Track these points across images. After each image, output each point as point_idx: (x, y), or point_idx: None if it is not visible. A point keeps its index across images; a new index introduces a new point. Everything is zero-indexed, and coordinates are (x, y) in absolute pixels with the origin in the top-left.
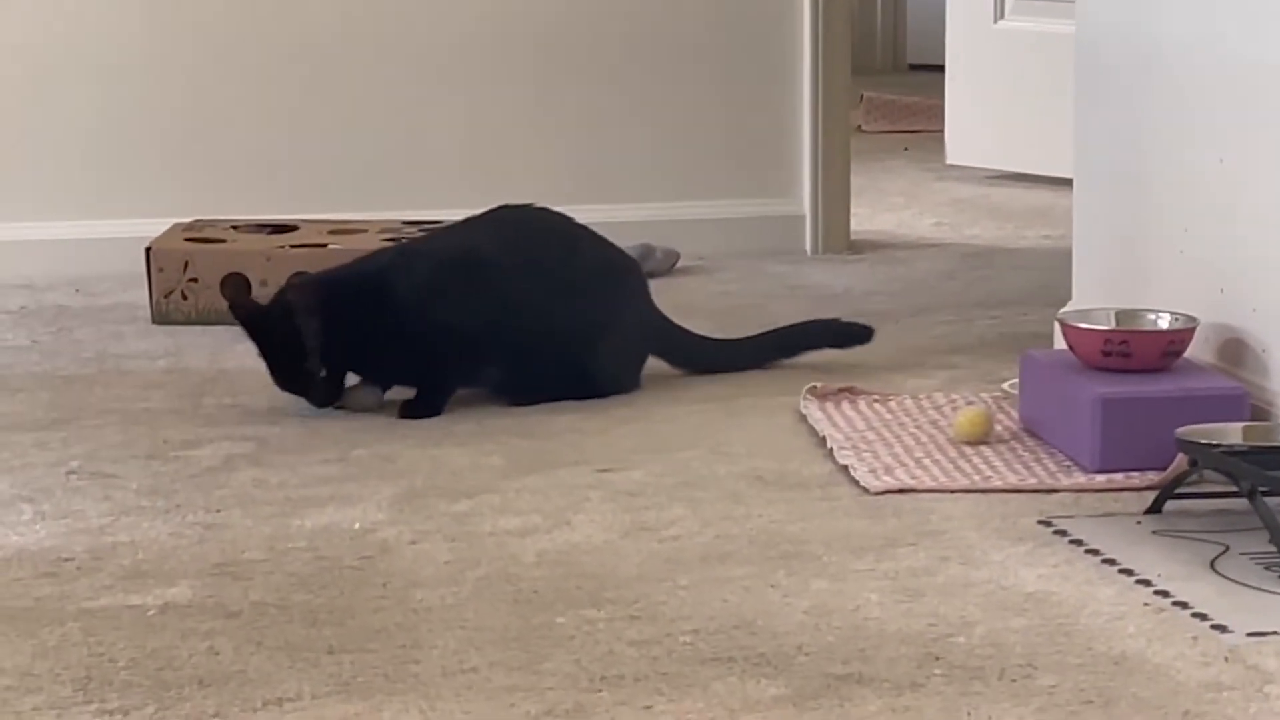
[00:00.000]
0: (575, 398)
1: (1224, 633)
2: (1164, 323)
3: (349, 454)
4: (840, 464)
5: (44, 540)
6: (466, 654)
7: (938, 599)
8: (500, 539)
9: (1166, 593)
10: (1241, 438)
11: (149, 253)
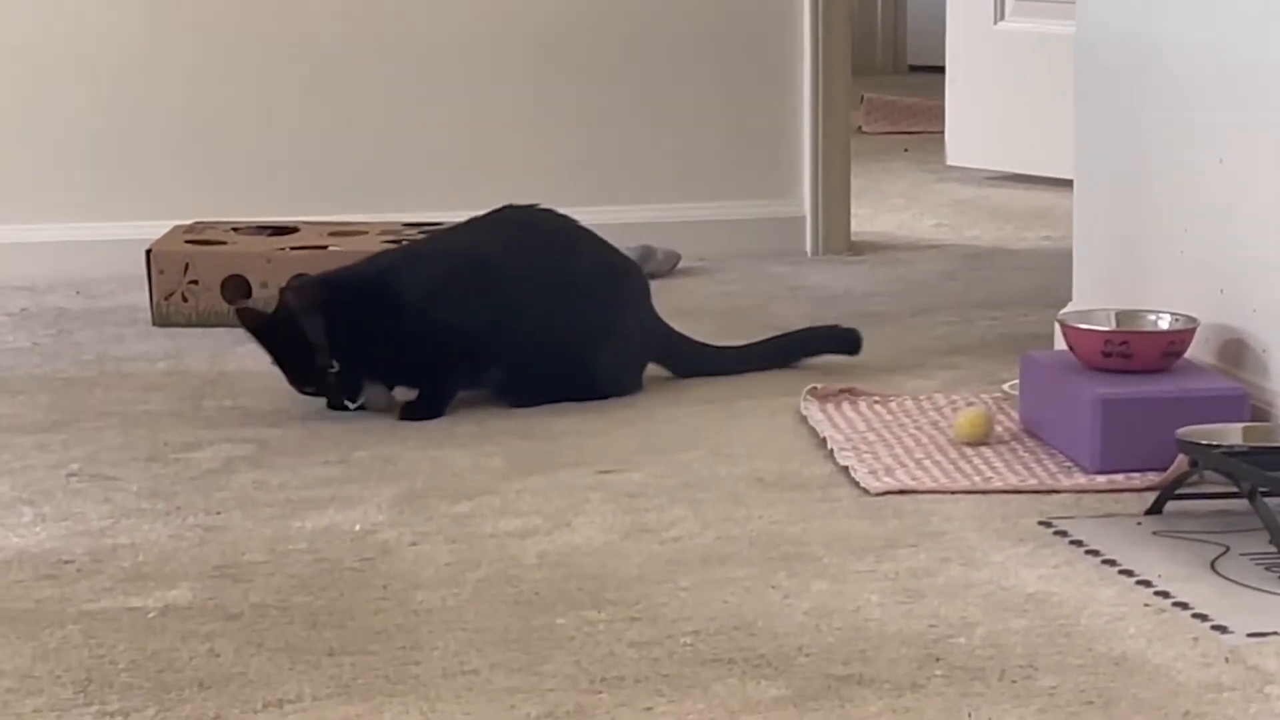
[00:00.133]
0: (577, 399)
1: (1224, 633)
2: (1164, 323)
3: (350, 456)
4: (841, 465)
5: (44, 542)
6: (467, 655)
7: (938, 600)
8: (501, 540)
9: (1167, 593)
10: (1242, 438)
11: (149, 255)
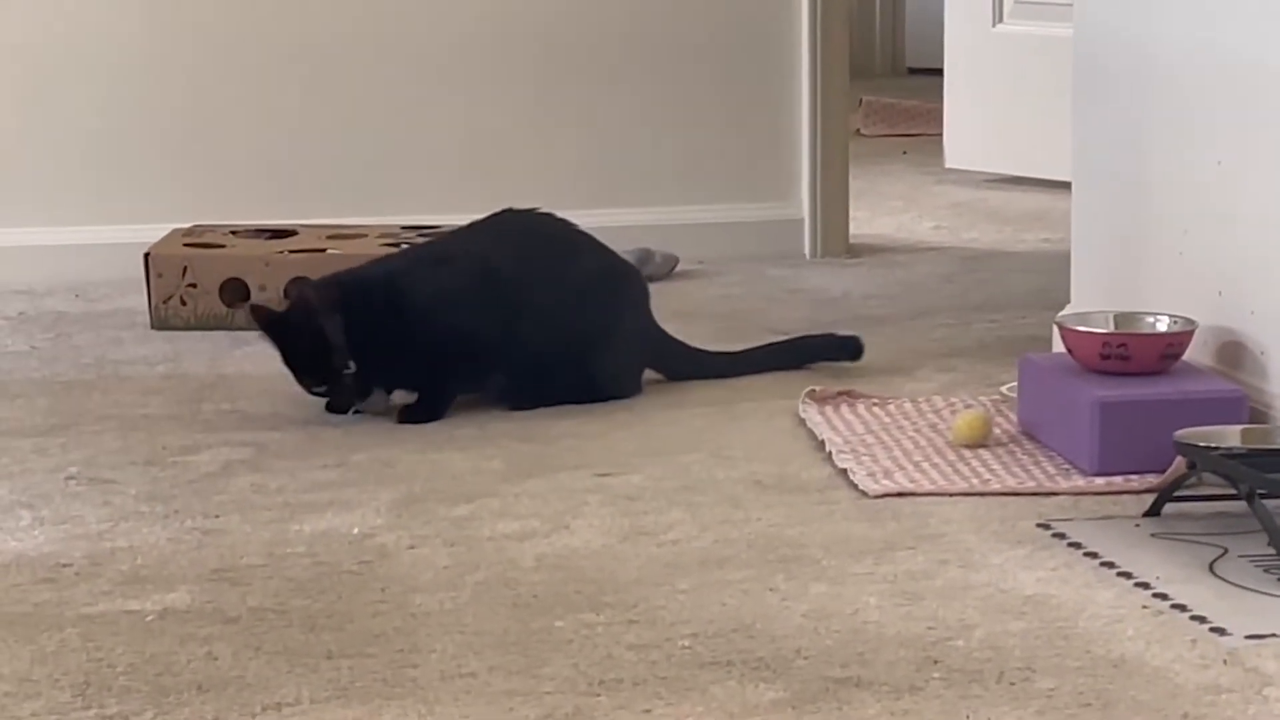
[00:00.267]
0: (577, 402)
1: (1223, 635)
2: (1162, 325)
3: (348, 459)
4: (839, 467)
5: (43, 546)
6: (465, 658)
7: (937, 602)
8: (499, 543)
9: (1165, 595)
10: (1240, 440)
11: (148, 258)
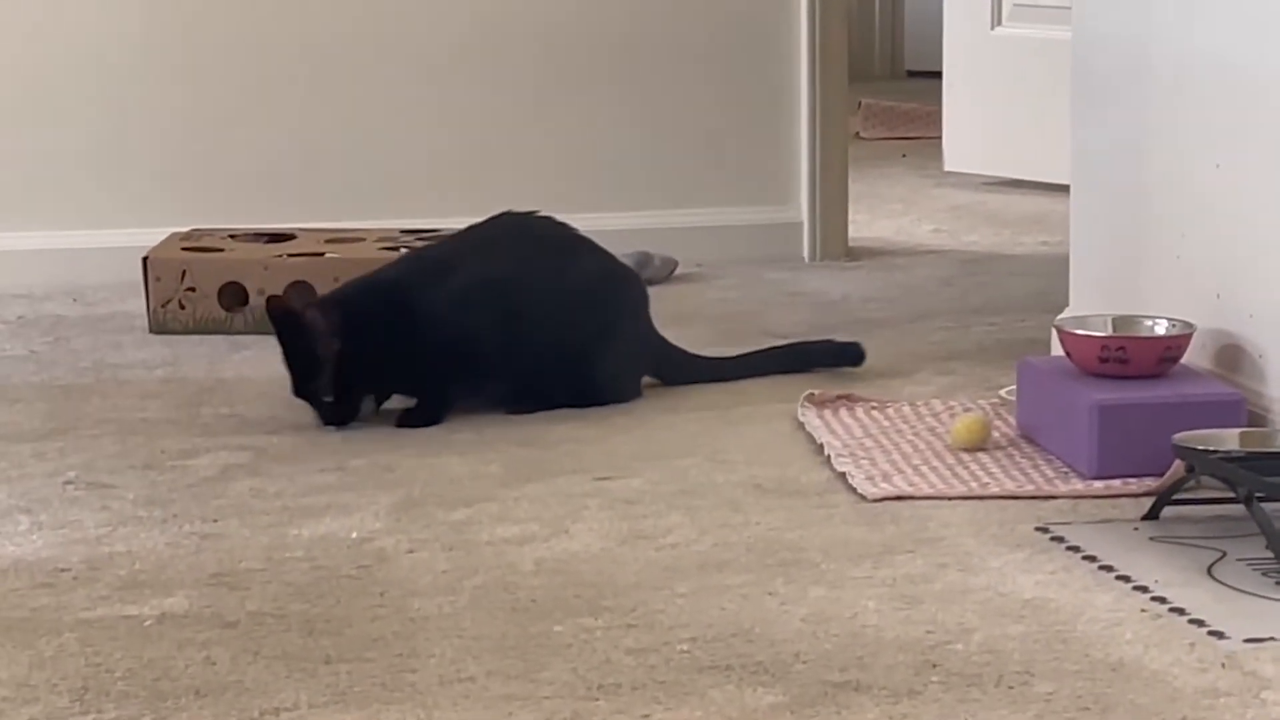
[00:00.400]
0: (576, 406)
1: (1221, 639)
2: (1161, 329)
3: (347, 463)
4: (838, 471)
5: (41, 550)
6: (464, 663)
7: (935, 606)
8: (498, 547)
9: (1164, 599)
10: (1238, 443)
11: (146, 262)
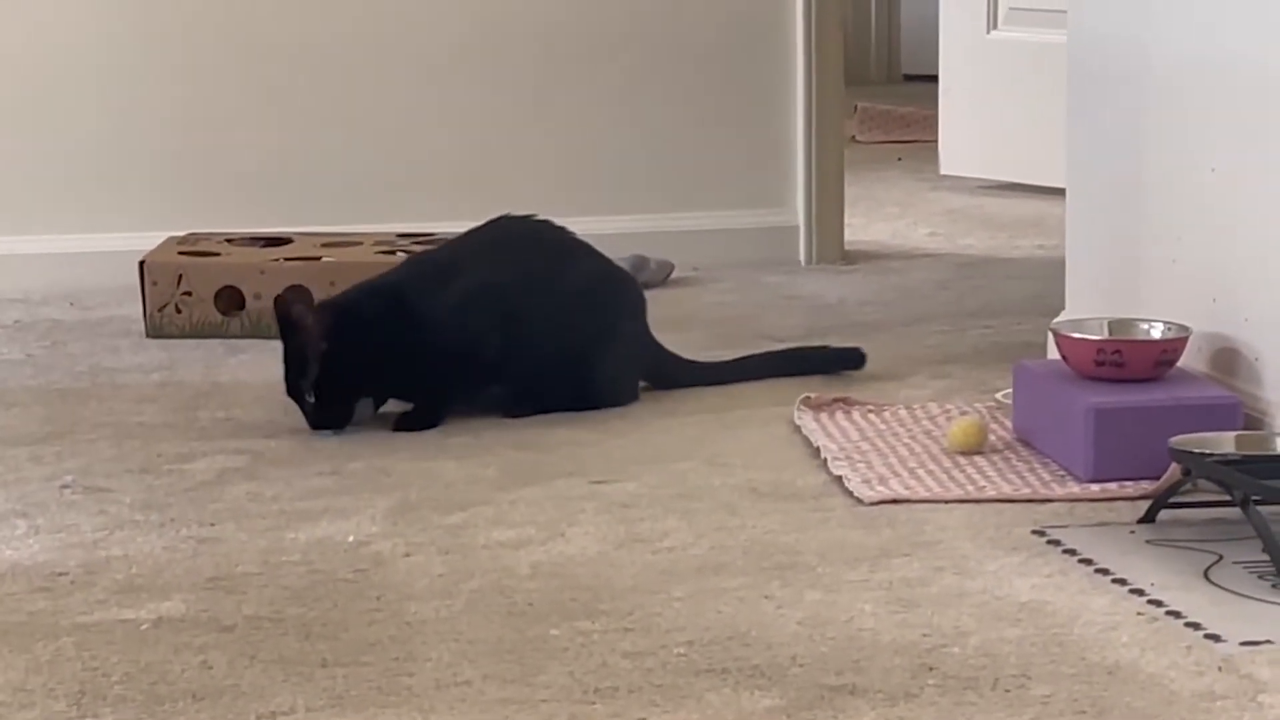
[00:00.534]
0: (574, 409)
1: (1217, 642)
2: (1157, 332)
3: (344, 467)
4: (834, 475)
5: (38, 555)
6: (460, 666)
7: (932, 609)
8: (494, 551)
9: (1160, 602)
10: (1234, 447)
11: (143, 266)
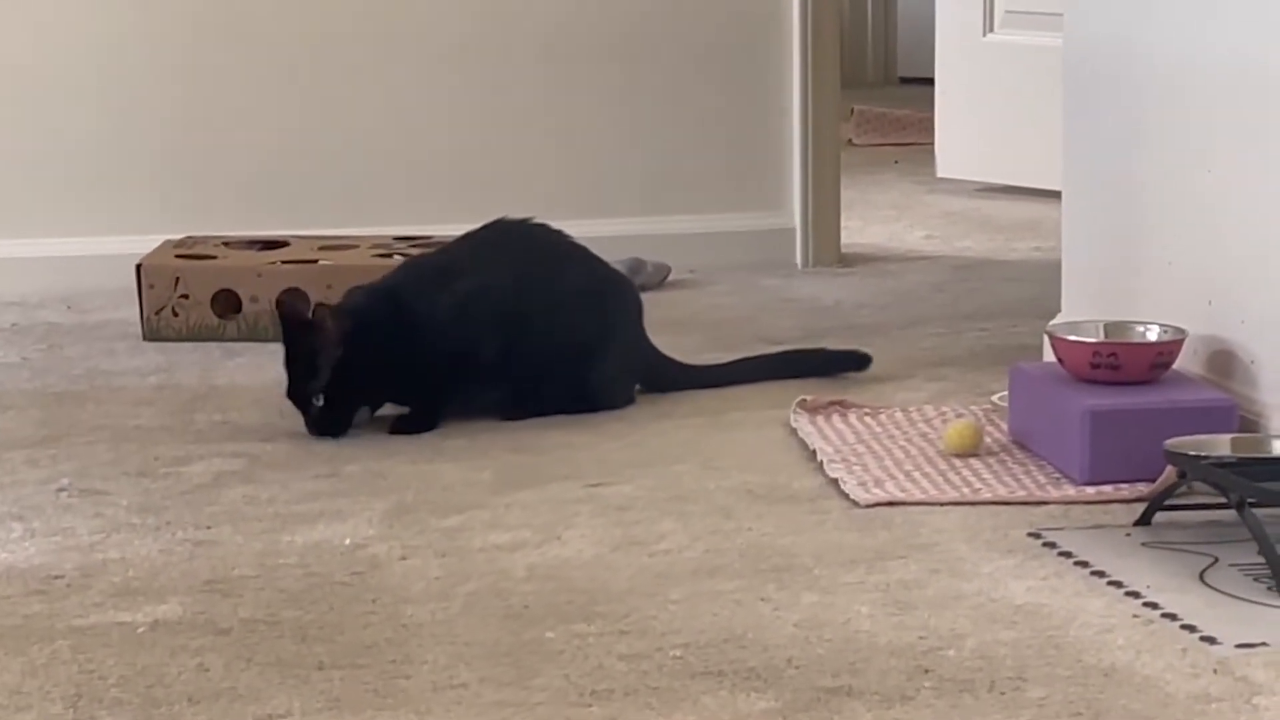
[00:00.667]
0: (570, 412)
1: (1213, 644)
2: (1152, 335)
3: (340, 470)
4: (830, 477)
5: (34, 558)
6: (456, 669)
7: (928, 611)
8: (490, 554)
9: (1156, 604)
10: (1230, 449)
11: (140, 269)
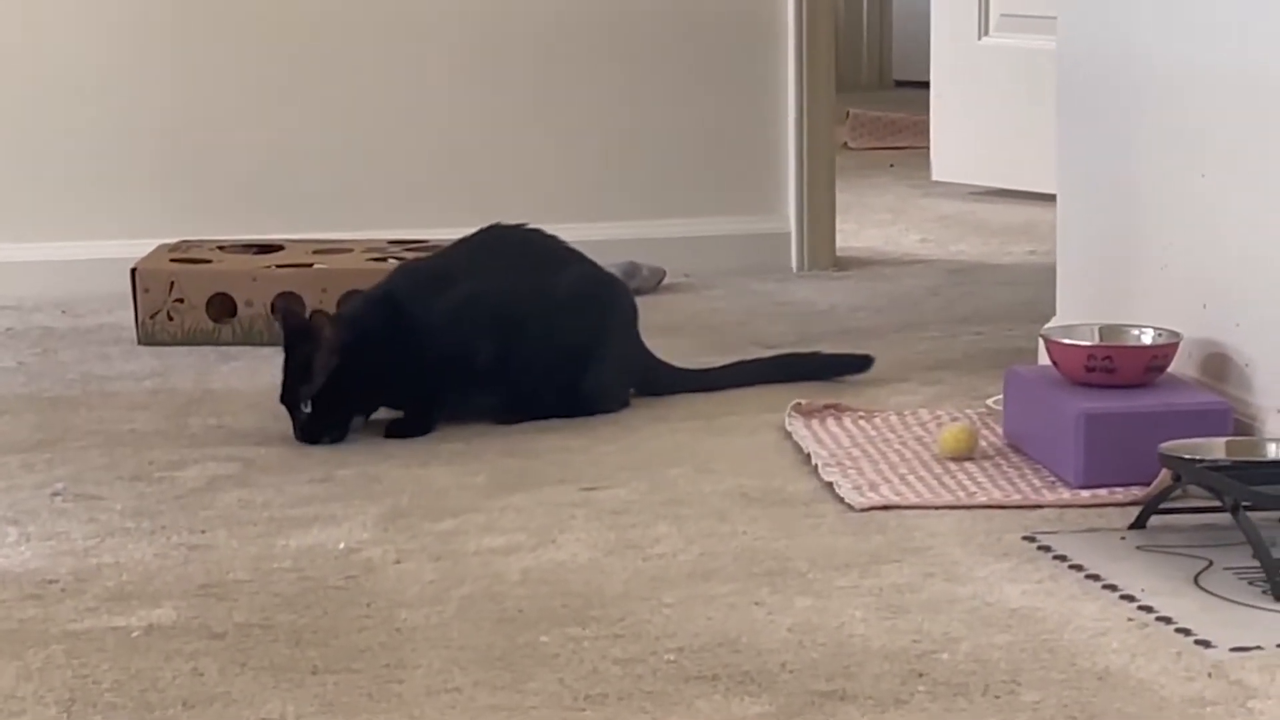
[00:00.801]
0: (564, 416)
1: (1207, 648)
2: (1147, 338)
3: (334, 474)
4: (825, 481)
5: (29, 562)
6: (450, 673)
7: (922, 615)
8: (485, 558)
9: (1150, 608)
10: (1225, 453)
11: (134, 274)
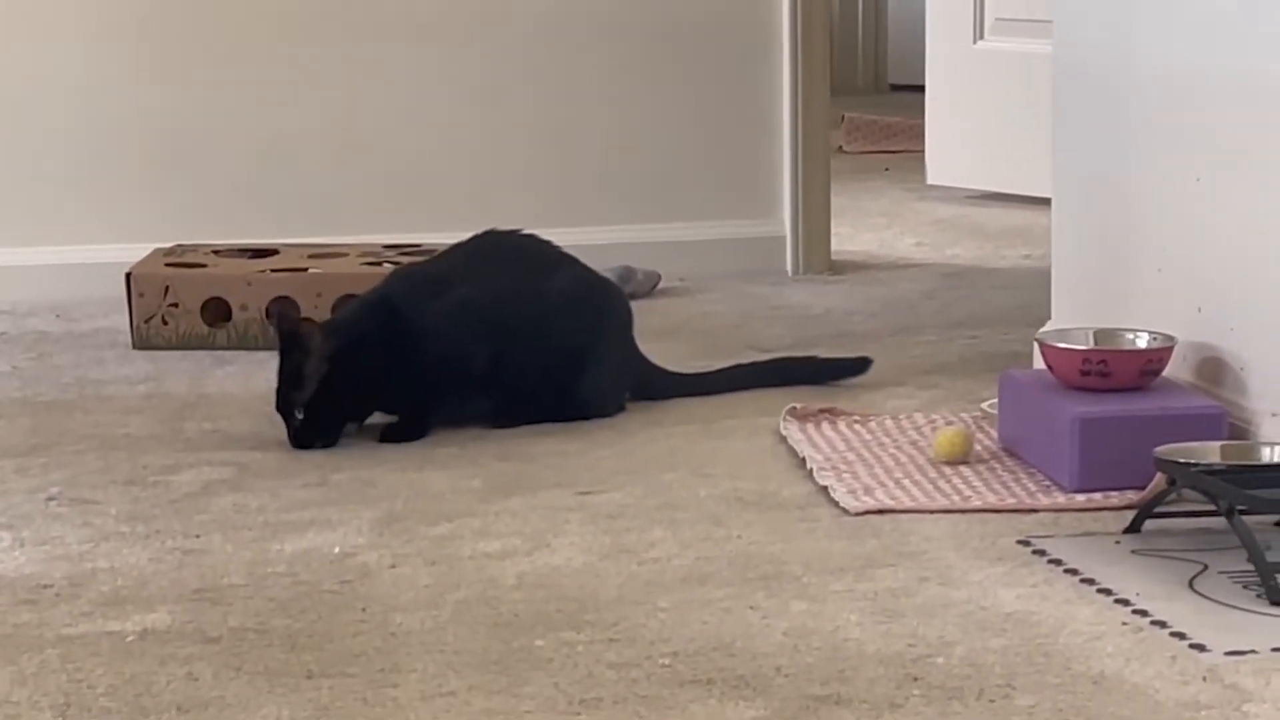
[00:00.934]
0: (559, 420)
1: (1202, 652)
2: (1142, 342)
3: (329, 478)
4: (820, 485)
5: (23, 567)
6: (445, 677)
7: (917, 619)
8: (480, 562)
9: (1145, 612)
10: (1220, 457)
11: (129, 278)
